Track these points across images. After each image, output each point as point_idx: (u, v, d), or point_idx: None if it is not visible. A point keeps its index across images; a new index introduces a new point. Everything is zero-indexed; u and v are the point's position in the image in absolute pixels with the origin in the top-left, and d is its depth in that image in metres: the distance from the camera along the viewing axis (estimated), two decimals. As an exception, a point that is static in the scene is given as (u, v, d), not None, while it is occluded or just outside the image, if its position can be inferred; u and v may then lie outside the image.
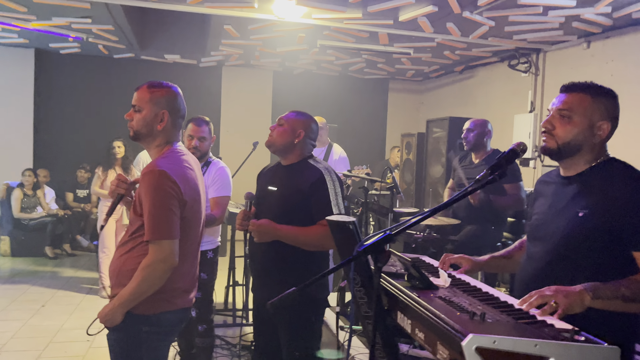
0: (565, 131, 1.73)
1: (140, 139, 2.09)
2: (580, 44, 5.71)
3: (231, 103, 8.78)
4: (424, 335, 1.38)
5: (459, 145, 5.97)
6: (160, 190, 1.90)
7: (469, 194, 1.64)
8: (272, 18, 5.30)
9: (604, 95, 1.74)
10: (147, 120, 2.03)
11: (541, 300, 1.47)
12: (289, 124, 2.48)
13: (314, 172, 2.39)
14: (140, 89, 2.08)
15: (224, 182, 3.36)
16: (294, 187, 2.38)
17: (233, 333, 4.53)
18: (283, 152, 2.49)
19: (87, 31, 6.44)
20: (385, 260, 1.45)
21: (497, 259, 2.08)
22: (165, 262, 1.90)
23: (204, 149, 3.36)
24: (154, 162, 1.99)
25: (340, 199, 2.35)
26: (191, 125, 3.36)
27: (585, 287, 1.52)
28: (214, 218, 3.19)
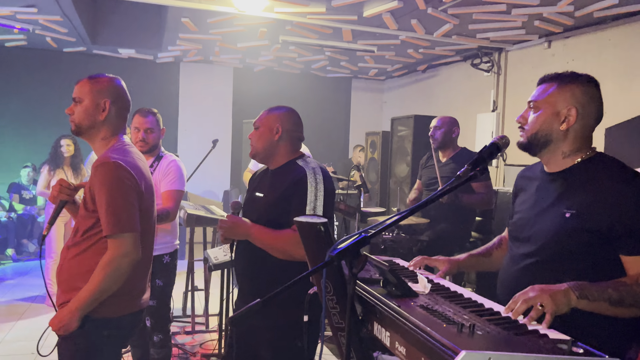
0: (532, 123, 1.67)
1: (83, 133, 1.98)
2: (541, 44, 5.75)
3: (190, 101, 8.48)
4: (406, 349, 1.23)
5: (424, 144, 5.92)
6: (117, 182, 1.83)
7: (449, 191, 1.51)
8: (232, 11, 5.09)
9: (574, 82, 1.64)
10: (89, 111, 1.94)
11: (526, 305, 1.35)
12: (264, 124, 2.27)
13: (297, 172, 2.17)
14: (80, 81, 2.02)
15: (177, 175, 3.15)
16: (278, 191, 2.17)
17: (192, 341, 4.30)
18: (268, 156, 2.28)
19: (33, 22, 6.05)
20: (362, 265, 1.30)
21: (476, 257, 1.97)
22: (129, 256, 1.83)
23: (152, 141, 3.17)
24: (106, 154, 1.90)
25: (321, 202, 2.11)
26: (136, 117, 3.18)
27: (571, 285, 1.42)
28: (167, 212, 2.99)
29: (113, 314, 1.88)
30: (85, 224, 1.90)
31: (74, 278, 1.87)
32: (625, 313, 1.46)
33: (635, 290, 1.45)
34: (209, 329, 4.51)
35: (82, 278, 1.83)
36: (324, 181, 2.17)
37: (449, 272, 1.85)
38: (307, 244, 1.59)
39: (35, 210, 7.29)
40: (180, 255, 6.47)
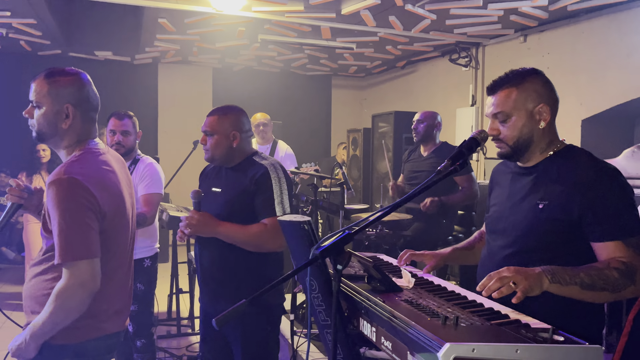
0: (509, 131, 1.66)
1: (45, 140, 1.76)
2: (517, 38, 5.82)
3: (169, 102, 8.40)
4: (392, 344, 1.24)
5: (405, 139, 5.96)
6: (71, 202, 1.59)
7: (431, 186, 1.53)
8: (209, 11, 5.05)
9: (527, 80, 1.66)
10: (49, 117, 1.71)
11: (499, 283, 1.38)
12: (218, 131, 2.24)
13: (258, 168, 2.20)
14: (36, 79, 1.74)
15: (154, 178, 3.13)
16: (239, 187, 2.19)
17: (178, 344, 4.28)
18: (227, 161, 2.29)
19: (6, 25, 5.93)
20: (346, 262, 1.31)
21: (460, 251, 2.00)
22: (84, 286, 1.59)
23: (128, 144, 3.14)
24: (61, 168, 1.66)
25: (287, 197, 2.17)
26: (112, 120, 3.16)
27: (544, 269, 1.45)
28: (144, 217, 2.96)
29: (74, 339, 1.69)
30: (45, 242, 1.73)
31: (33, 300, 1.71)
32: (596, 297, 1.48)
33: (607, 273, 1.46)
34: (195, 331, 4.49)
35: (40, 302, 1.67)
36: (284, 175, 2.22)
37: (436, 267, 1.87)
38: (291, 243, 1.60)
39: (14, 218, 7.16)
40: (163, 258, 6.44)
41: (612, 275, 1.45)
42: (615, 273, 1.46)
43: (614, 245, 1.52)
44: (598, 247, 1.56)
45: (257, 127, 5.13)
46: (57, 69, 1.76)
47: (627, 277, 1.46)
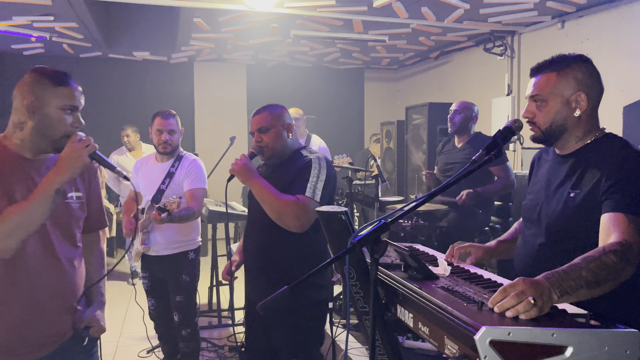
0: (543, 116, 1.66)
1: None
2: (554, 24, 5.69)
3: (205, 99, 8.58)
4: (429, 329, 1.28)
5: (439, 131, 5.92)
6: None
7: (466, 176, 1.55)
8: (243, 9, 5.14)
9: (570, 66, 1.65)
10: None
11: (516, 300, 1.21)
12: (274, 123, 2.33)
13: (304, 160, 2.28)
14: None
15: (199, 174, 3.26)
16: (285, 180, 2.26)
17: (219, 334, 4.41)
18: (282, 154, 2.36)
19: (49, 29, 6.18)
20: (383, 250, 1.35)
21: (504, 244, 1.96)
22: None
23: (174, 143, 3.26)
24: None
25: (321, 186, 2.21)
26: (157, 119, 3.25)
27: (550, 282, 1.30)
28: (192, 211, 3.09)
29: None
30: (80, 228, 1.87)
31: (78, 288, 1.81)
32: (603, 290, 1.39)
33: (605, 261, 1.39)
34: (235, 322, 4.61)
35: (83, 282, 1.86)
36: (327, 167, 2.27)
37: (482, 259, 1.84)
38: (329, 233, 1.65)
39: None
40: (203, 251, 6.60)
41: (611, 261, 1.38)
42: (612, 257, 1.39)
43: (616, 216, 1.47)
44: (603, 219, 1.50)
45: None
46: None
47: (624, 258, 1.40)
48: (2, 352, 1.61)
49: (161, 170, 3.25)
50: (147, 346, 3.95)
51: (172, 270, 3.23)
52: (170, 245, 3.22)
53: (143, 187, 3.30)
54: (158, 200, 3.17)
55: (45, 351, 1.68)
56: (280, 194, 2.18)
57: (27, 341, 1.64)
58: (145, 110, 8.07)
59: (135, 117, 8.00)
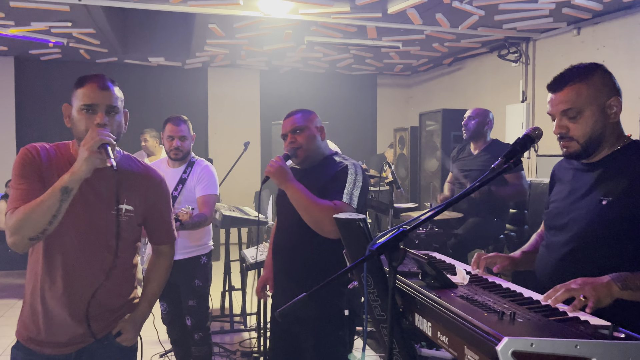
0: (582, 128, 1.62)
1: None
2: (570, 31, 5.65)
3: (218, 104, 8.63)
4: (448, 338, 1.27)
5: (453, 138, 5.90)
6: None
7: (485, 184, 1.54)
8: (258, 15, 5.18)
9: (594, 74, 1.63)
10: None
11: (568, 295, 1.37)
12: (308, 125, 2.30)
13: (339, 165, 2.25)
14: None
15: (210, 180, 3.25)
16: (318, 185, 2.21)
17: (231, 339, 4.41)
18: (314, 158, 2.31)
19: (67, 35, 6.27)
20: (401, 258, 1.34)
21: (528, 254, 1.92)
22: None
23: (185, 149, 3.26)
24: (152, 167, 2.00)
25: (357, 192, 2.16)
26: (169, 126, 3.24)
27: (612, 277, 1.43)
28: (204, 218, 3.08)
29: None
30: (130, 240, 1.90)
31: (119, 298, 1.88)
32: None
33: None
34: (247, 327, 4.61)
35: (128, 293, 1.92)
36: (362, 175, 2.24)
37: (508, 269, 1.81)
38: (346, 240, 1.65)
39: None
40: (215, 256, 6.61)
41: None
42: None
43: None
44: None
45: None
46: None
47: None
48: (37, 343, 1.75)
49: (173, 176, 3.25)
50: (159, 350, 3.96)
51: (185, 275, 3.23)
52: (182, 250, 3.22)
53: None
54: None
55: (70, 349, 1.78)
56: (317, 199, 2.12)
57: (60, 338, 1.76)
58: (160, 115, 8.11)
59: (150, 122, 8.05)
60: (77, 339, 1.77)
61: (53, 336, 1.76)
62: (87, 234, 1.74)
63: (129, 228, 1.81)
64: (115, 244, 1.78)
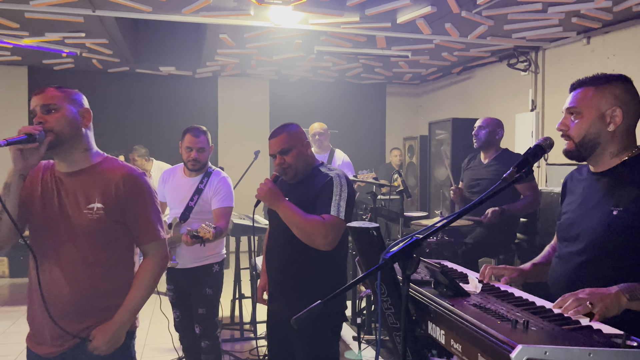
0: (577, 128, 1.68)
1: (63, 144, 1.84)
2: (580, 40, 5.66)
3: (228, 113, 8.69)
4: (462, 346, 1.28)
5: (463, 147, 5.90)
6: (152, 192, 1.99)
7: (496, 194, 1.55)
8: (268, 25, 5.23)
9: (610, 83, 1.68)
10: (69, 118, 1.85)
11: (576, 304, 1.38)
12: (294, 144, 2.36)
13: (323, 178, 2.32)
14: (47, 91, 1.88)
15: (227, 192, 3.26)
16: (306, 200, 2.30)
17: (241, 347, 4.43)
18: (303, 173, 2.39)
19: (80, 46, 6.36)
20: (415, 267, 1.36)
21: (539, 266, 1.94)
22: (165, 260, 1.95)
23: (203, 160, 3.26)
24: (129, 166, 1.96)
25: (344, 203, 2.25)
26: (188, 137, 3.23)
27: (621, 288, 1.44)
28: (220, 230, 3.07)
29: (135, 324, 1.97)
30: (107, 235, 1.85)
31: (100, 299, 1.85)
32: None
33: None
34: (257, 335, 4.62)
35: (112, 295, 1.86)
36: (347, 185, 2.31)
37: (516, 281, 1.82)
38: (359, 248, 1.67)
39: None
40: (225, 264, 6.62)
41: None
42: None
43: None
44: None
45: (313, 136, 5.24)
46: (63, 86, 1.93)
47: None
48: (33, 343, 1.88)
49: (189, 185, 3.27)
50: (173, 356, 3.98)
51: (196, 282, 3.25)
52: (194, 258, 3.24)
53: (170, 200, 3.34)
54: (186, 217, 3.20)
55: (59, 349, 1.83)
56: (306, 215, 2.21)
57: (45, 337, 1.84)
58: (171, 124, 8.24)
59: (160, 130, 8.15)
60: (58, 341, 1.81)
61: (38, 334, 1.85)
62: (61, 234, 1.81)
63: (100, 226, 1.81)
64: (88, 243, 1.81)
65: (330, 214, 2.21)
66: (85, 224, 1.81)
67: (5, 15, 5.08)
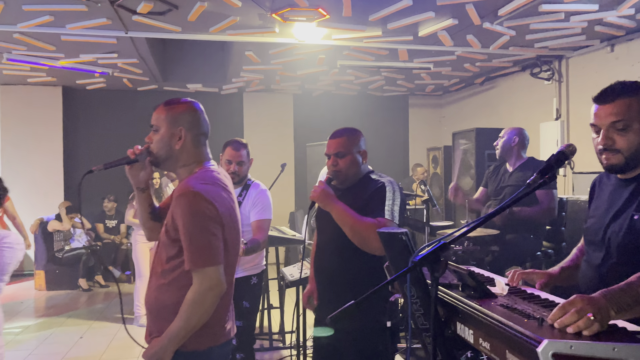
0: (628, 142, 1.65)
1: (160, 163, 1.94)
2: (603, 48, 5.65)
3: (253, 128, 8.86)
4: (490, 344, 1.34)
5: (487, 156, 5.92)
6: (198, 213, 1.76)
7: (520, 199, 1.60)
8: (292, 41, 5.37)
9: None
10: (164, 139, 1.88)
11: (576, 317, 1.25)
12: (350, 150, 2.38)
13: (376, 183, 2.34)
14: (157, 108, 1.95)
15: (265, 205, 3.24)
16: (357, 204, 2.30)
17: (270, 357, 4.49)
18: (354, 180, 2.41)
19: (112, 66, 6.62)
20: (443, 270, 1.42)
21: (567, 270, 1.94)
22: (214, 290, 1.76)
23: (242, 174, 3.26)
24: (186, 183, 1.82)
25: (397, 208, 2.26)
26: (228, 150, 3.25)
27: (607, 299, 1.33)
28: (257, 243, 3.05)
29: (202, 346, 1.83)
30: (169, 251, 1.85)
31: (162, 309, 1.85)
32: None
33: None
34: (286, 345, 4.68)
35: (170, 310, 1.81)
36: (400, 191, 2.34)
37: (547, 285, 1.83)
38: (389, 253, 1.74)
39: (118, 239, 7.80)
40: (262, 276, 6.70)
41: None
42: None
43: None
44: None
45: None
46: (174, 98, 1.96)
47: None
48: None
49: None
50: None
51: (234, 295, 3.27)
52: None
53: None
54: None
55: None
56: (361, 217, 2.22)
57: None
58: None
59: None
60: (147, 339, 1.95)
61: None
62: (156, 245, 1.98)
63: (164, 240, 1.88)
64: (160, 254, 1.91)
65: (385, 217, 2.22)
66: (160, 236, 1.92)
67: (43, 38, 5.34)
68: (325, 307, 2.45)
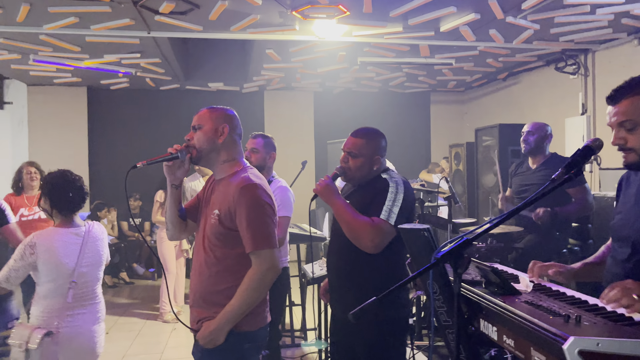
0: (637, 140, 1.64)
1: (203, 157, 2.10)
2: (630, 41, 5.51)
3: (274, 126, 8.89)
4: (514, 341, 1.32)
5: (511, 152, 5.83)
6: (260, 202, 1.98)
7: (545, 194, 1.58)
8: (313, 39, 5.37)
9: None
10: (209, 134, 2.07)
11: (622, 295, 1.36)
12: (364, 154, 2.40)
13: (382, 183, 2.36)
14: (199, 111, 2.17)
15: (285, 202, 3.26)
16: (364, 202, 2.34)
17: (292, 354, 4.51)
18: (362, 181, 2.45)
19: (135, 66, 6.71)
20: (466, 266, 1.41)
21: (590, 266, 1.93)
22: (272, 271, 1.95)
23: (255, 162, 3.30)
24: (244, 177, 2.02)
25: (397, 210, 2.26)
26: (248, 140, 3.39)
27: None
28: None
29: (251, 327, 2.01)
30: (221, 240, 2.01)
31: (215, 294, 2.01)
32: None
33: None
34: (307, 342, 4.70)
35: (223, 295, 1.97)
36: (404, 192, 2.32)
37: (565, 277, 1.81)
38: (411, 249, 1.72)
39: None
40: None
41: None
42: None
43: None
44: None
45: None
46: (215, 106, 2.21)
47: None
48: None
49: None
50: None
51: None
52: None
53: None
54: None
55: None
56: (357, 215, 2.27)
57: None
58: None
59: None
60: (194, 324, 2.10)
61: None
62: (202, 232, 2.11)
63: (216, 230, 2.02)
64: (210, 243, 2.05)
65: (380, 217, 2.25)
66: (209, 226, 2.05)
67: (68, 39, 5.44)
68: (335, 302, 2.49)
